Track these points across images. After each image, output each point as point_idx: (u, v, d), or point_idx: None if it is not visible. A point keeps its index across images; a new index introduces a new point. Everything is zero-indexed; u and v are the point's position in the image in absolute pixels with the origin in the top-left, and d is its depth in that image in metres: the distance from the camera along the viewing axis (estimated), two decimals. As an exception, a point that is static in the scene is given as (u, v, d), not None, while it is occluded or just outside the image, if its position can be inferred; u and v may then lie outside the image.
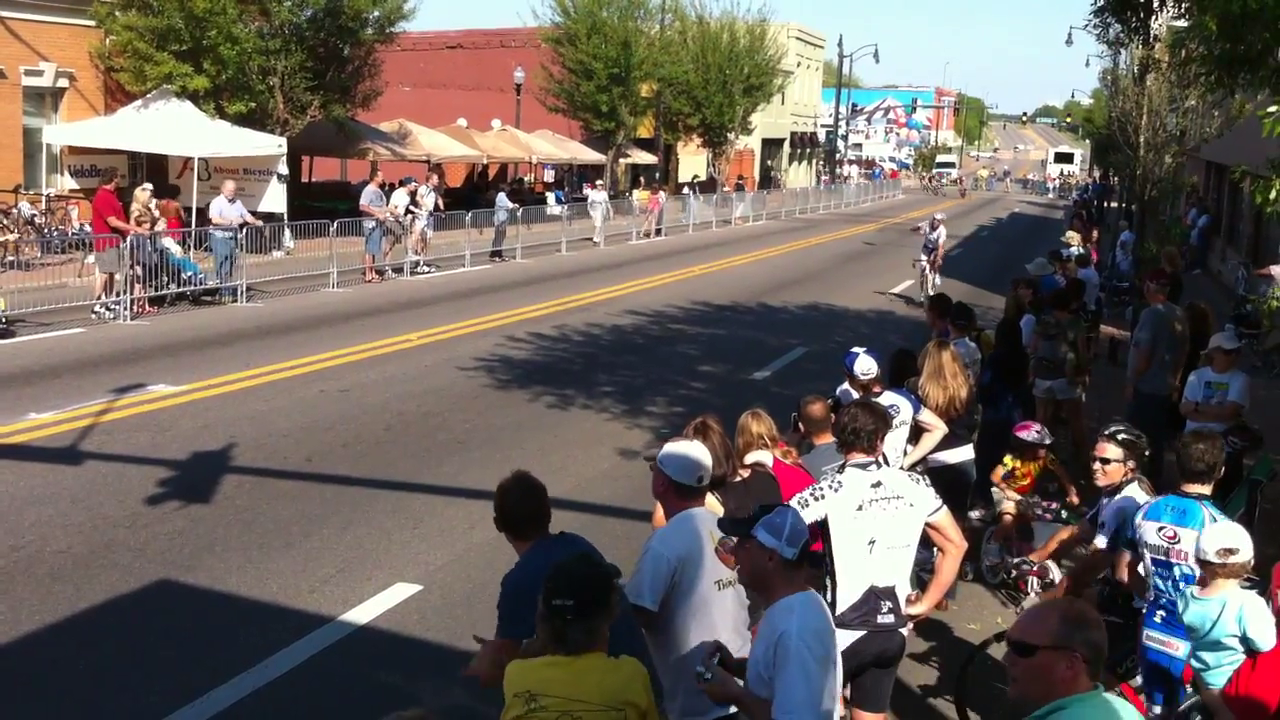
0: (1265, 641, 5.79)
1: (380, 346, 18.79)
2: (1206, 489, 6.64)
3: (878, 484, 6.24)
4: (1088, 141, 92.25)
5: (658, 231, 42.67)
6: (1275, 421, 14.48)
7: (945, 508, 6.60)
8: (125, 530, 10.32)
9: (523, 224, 34.43)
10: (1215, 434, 6.99)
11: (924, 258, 28.93)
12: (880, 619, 6.18)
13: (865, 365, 8.97)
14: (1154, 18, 24.95)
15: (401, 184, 29.50)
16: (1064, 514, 9.89)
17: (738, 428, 7.48)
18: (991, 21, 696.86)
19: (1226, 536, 6.04)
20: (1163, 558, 6.51)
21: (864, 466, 6.30)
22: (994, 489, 10.61)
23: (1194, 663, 6.33)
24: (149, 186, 22.60)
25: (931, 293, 25.29)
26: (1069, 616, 4.01)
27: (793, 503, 6.18)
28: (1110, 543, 6.92)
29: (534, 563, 5.05)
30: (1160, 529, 6.52)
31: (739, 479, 6.79)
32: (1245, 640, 5.87)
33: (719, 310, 24.97)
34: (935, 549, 6.65)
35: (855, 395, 9.05)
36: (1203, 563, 6.04)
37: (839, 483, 6.20)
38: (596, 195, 39.70)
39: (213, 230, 23.09)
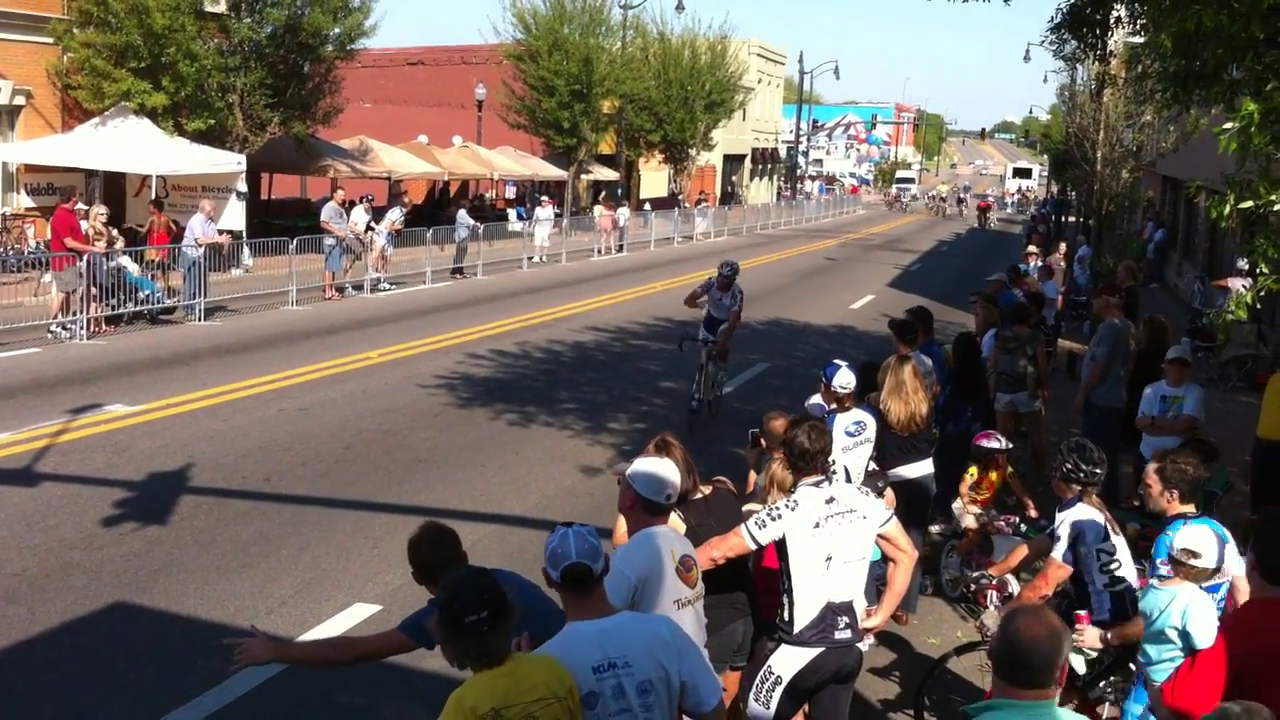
0: (1201, 640, 5.88)
1: (340, 365, 18.70)
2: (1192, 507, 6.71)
3: (831, 499, 6.24)
4: (1046, 157, 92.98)
5: (620, 248, 42.69)
6: (1231, 434, 14.63)
7: (895, 518, 6.63)
8: (81, 552, 10.21)
9: (484, 241, 34.37)
10: (1190, 453, 7.03)
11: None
12: (838, 635, 6.18)
13: (845, 379, 8.95)
14: (1110, 34, 25.21)
15: (362, 199, 29.36)
16: (1023, 527, 9.95)
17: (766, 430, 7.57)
18: (950, 38, 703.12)
19: (1193, 539, 6.14)
20: (1214, 582, 6.49)
21: (816, 484, 6.30)
22: (954, 503, 10.66)
23: (1140, 657, 6.40)
24: (104, 208, 22.45)
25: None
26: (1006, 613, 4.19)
27: (750, 522, 6.18)
28: (1066, 556, 6.95)
29: None
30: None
31: (700, 496, 6.78)
32: (1185, 636, 5.96)
33: (681, 326, 24.86)
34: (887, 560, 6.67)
35: (827, 408, 9.08)
36: (1171, 559, 6.14)
37: (795, 501, 6.19)
38: (543, 213, 39.31)
39: (185, 248, 22.93)
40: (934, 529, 11.17)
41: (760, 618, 6.73)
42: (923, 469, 10.05)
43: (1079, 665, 7.13)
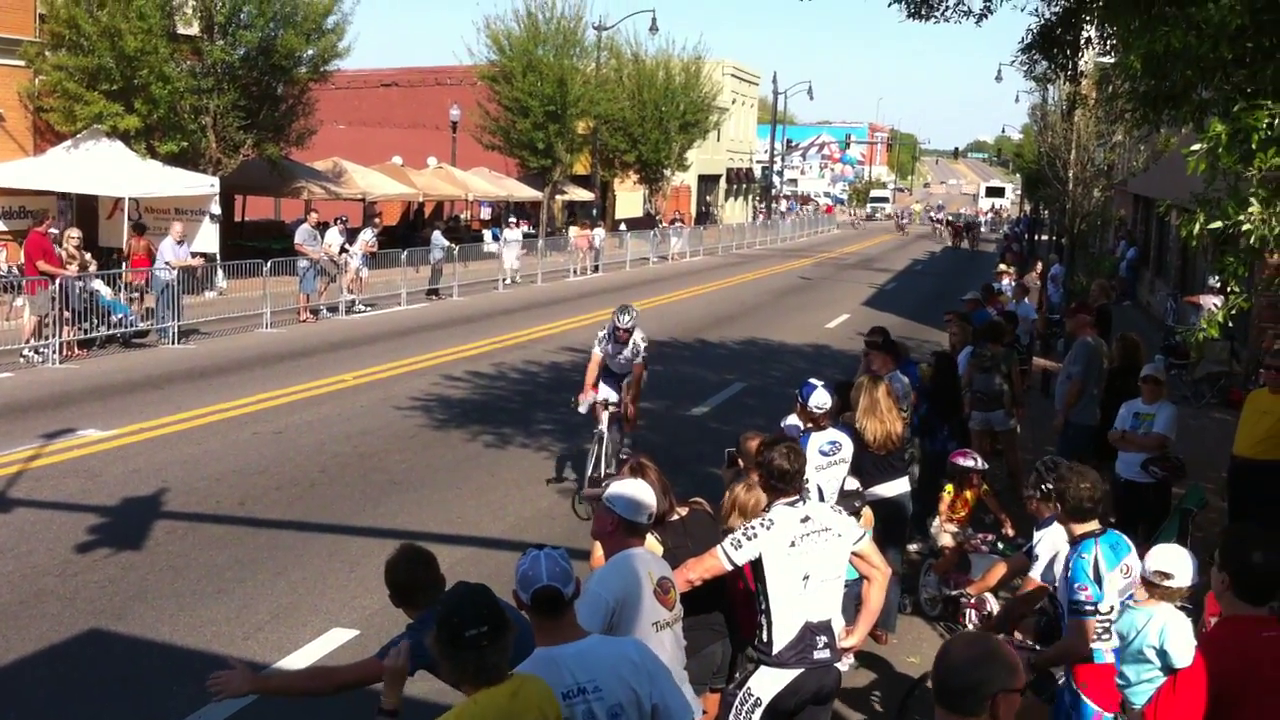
0: (1180, 659, 5.90)
1: (315, 387, 18.63)
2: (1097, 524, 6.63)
3: (806, 518, 6.23)
4: (1019, 176, 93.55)
5: (595, 268, 42.72)
6: (1206, 451, 14.71)
7: (869, 535, 6.65)
8: (55, 579, 10.12)
9: (459, 262, 34.34)
10: (1094, 471, 6.98)
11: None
12: (817, 654, 6.17)
13: (821, 399, 8.94)
14: (1080, 55, 25.42)
15: (336, 221, 29.28)
16: (1000, 545, 9.97)
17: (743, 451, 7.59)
18: (923, 59, 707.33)
19: (1166, 560, 6.15)
20: (1130, 593, 6.50)
21: (791, 504, 6.29)
22: (931, 522, 10.69)
23: (1118, 680, 6.42)
24: (77, 232, 22.36)
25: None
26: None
27: (726, 543, 6.17)
28: (1045, 575, 6.97)
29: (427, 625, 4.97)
30: (1122, 570, 6.48)
31: (676, 517, 6.78)
32: (1163, 655, 5.98)
33: (657, 346, 24.94)
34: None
35: (802, 427, 9.08)
36: (1144, 580, 6.15)
37: (770, 521, 6.18)
38: (511, 234, 38.84)
39: (158, 271, 22.82)
40: (912, 547, 11.19)
41: (739, 638, 6.72)
42: (899, 487, 10.06)
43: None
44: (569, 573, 4.68)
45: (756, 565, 6.13)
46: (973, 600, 8.56)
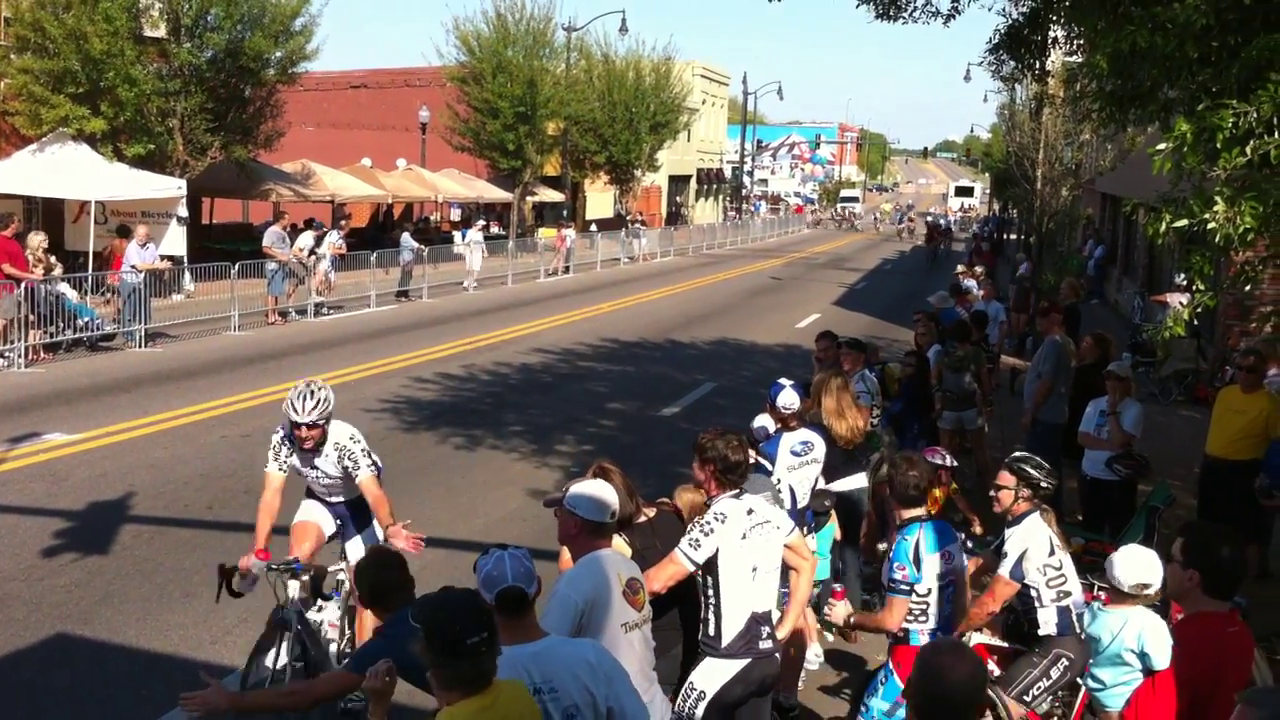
0: (1160, 660, 5.94)
1: (283, 390, 18.32)
2: (924, 511, 6.92)
3: (751, 511, 6.31)
4: (988, 175, 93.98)
5: (566, 269, 42.68)
6: (1171, 448, 14.81)
7: (798, 528, 6.83)
8: (20, 583, 10.04)
9: (429, 263, 34.24)
10: (924, 460, 7.29)
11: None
12: (761, 645, 6.26)
13: (789, 399, 8.95)
14: (1047, 55, 25.53)
15: (307, 225, 29.12)
16: (969, 544, 9.99)
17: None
18: (892, 59, 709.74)
19: (1144, 570, 6.22)
20: (951, 581, 6.76)
21: (735, 496, 6.33)
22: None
23: (1090, 682, 6.46)
24: (43, 235, 22.18)
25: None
26: (921, 659, 4.06)
27: (684, 545, 6.16)
28: (1014, 573, 7.00)
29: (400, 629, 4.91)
30: (943, 556, 6.73)
31: (644, 519, 6.77)
32: (1143, 657, 6.02)
33: (627, 347, 25.00)
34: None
35: (772, 428, 9.09)
36: (1114, 590, 6.21)
37: (722, 514, 6.22)
38: (473, 235, 38.01)
39: (124, 274, 22.66)
40: (881, 546, 11.21)
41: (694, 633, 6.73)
42: (858, 482, 10.12)
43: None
44: (531, 573, 4.71)
45: (710, 559, 6.15)
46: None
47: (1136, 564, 6.32)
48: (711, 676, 6.18)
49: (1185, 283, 22.24)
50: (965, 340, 14.25)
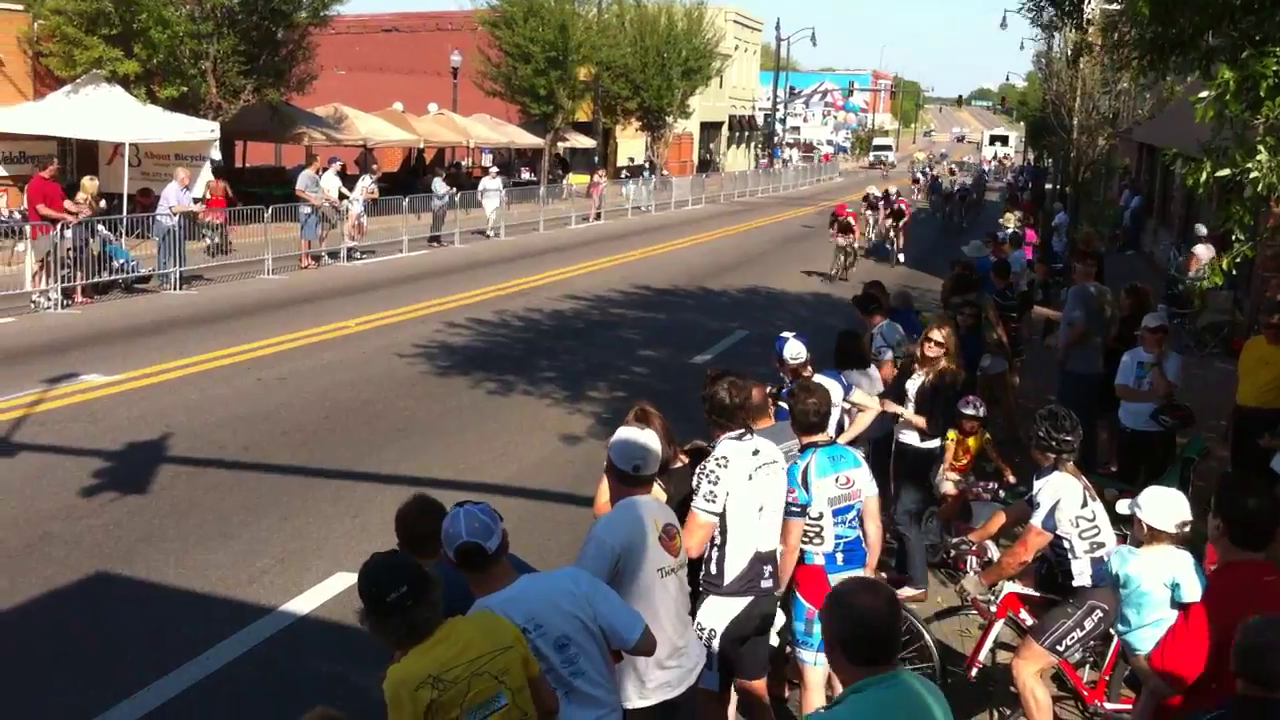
0: (1190, 592, 5.99)
1: (318, 333, 18.64)
2: (825, 436, 7.07)
3: (756, 451, 6.36)
4: (1022, 124, 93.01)
5: (597, 216, 42.61)
6: (1207, 400, 14.72)
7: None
8: (60, 522, 10.18)
9: (460, 209, 34.23)
10: (822, 387, 7.37)
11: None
12: (763, 583, 6.35)
13: (794, 350, 8.98)
14: (1087, 1, 25.20)
15: (330, 162, 29.05)
16: (1002, 493, 10.01)
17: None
18: (927, 5, 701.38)
19: (1172, 509, 6.26)
20: (845, 504, 6.88)
21: (738, 438, 6.36)
22: (935, 470, 10.70)
23: (1119, 625, 6.49)
24: (96, 179, 22.39)
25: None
26: (834, 595, 4.15)
27: (700, 501, 6.18)
28: (1046, 523, 7.00)
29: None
30: (837, 480, 6.86)
31: (680, 464, 6.80)
32: (1174, 589, 6.07)
33: (659, 294, 24.98)
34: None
35: (788, 381, 9.09)
36: (1151, 530, 6.24)
37: (724, 458, 6.25)
38: (490, 184, 36.80)
39: (160, 216, 22.79)
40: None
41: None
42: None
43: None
44: (489, 527, 4.76)
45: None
46: (974, 548, 8.60)
47: (1164, 503, 6.34)
48: (718, 614, 6.26)
49: (1206, 233, 22.09)
50: (967, 289, 14.15)
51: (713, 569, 6.26)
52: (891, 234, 34.07)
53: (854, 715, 3.90)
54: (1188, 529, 6.32)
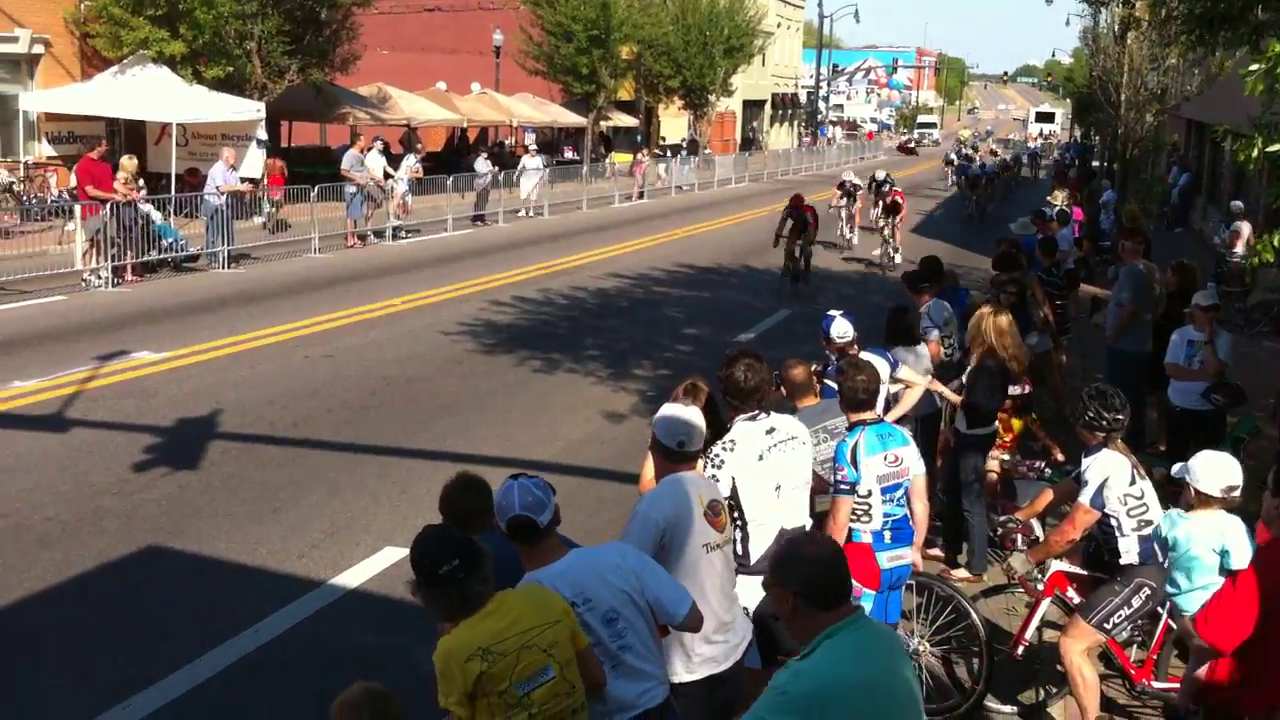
0: (1239, 559, 5.98)
1: (364, 312, 18.76)
2: (874, 414, 7.07)
3: (771, 430, 6.36)
4: (1069, 101, 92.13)
5: (640, 194, 42.59)
6: (1257, 379, 14.58)
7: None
8: (113, 497, 10.32)
9: (504, 188, 34.29)
10: (871, 365, 7.34)
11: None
12: None
13: (841, 329, 8.93)
14: (1135, -24, 24.92)
15: (375, 141, 29.22)
16: (1048, 472, 9.96)
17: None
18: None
19: (1225, 473, 6.25)
20: (893, 482, 6.88)
21: (752, 418, 6.37)
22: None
23: (1168, 588, 6.49)
24: (133, 159, 22.52)
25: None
26: (777, 555, 4.24)
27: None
28: (1095, 501, 6.97)
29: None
30: (885, 458, 6.85)
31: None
32: (1224, 555, 6.07)
33: (703, 273, 24.97)
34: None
35: (833, 359, 9.07)
36: (1200, 494, 6.24)
37: (731, 441, 6.27)
38: (529, 162, 36.42)
39: (208, 196, 22.98)
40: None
41: None
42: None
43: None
44: (543, 501, 4.78)
45: (730, 487, 6.23)
46: (1021, 525, 8.57)
47: (1214, 467, 6.33)
48: (749, 593, 6.25)
49: (1243, 209, 21.79)
50: (1012, 267, 14.03)
51: (738, 549, 6.27)
52: (886, 230, 27.79)
53: (831, 660, 3.97)
54: (1235, 494, 6.30)
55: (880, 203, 29.29)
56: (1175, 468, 6.82)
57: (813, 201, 24.37)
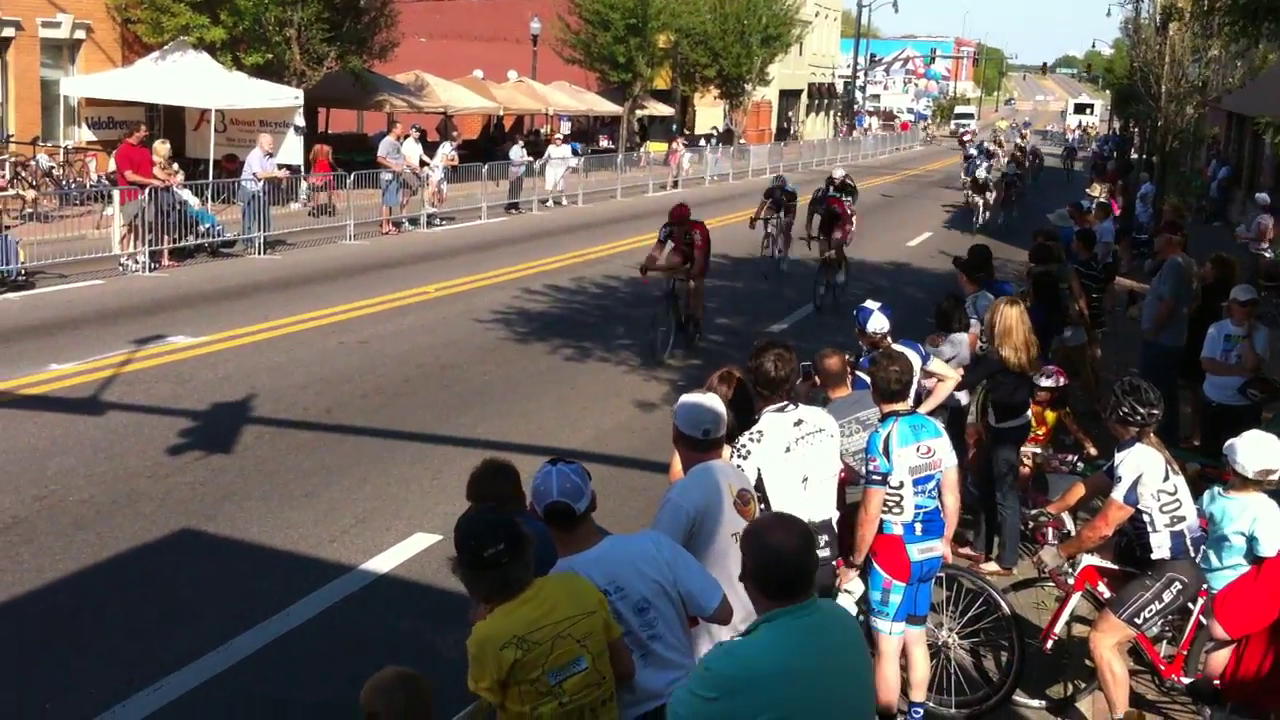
0: (1268, 547, 5.95)
1: (398, 299, 18.84)
2: (906, 405, 7.04)
3: (799, 422, 6.35)
4: (1107, 92, 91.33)
5: (675, 183, 42.54)
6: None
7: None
8: (147, 480, 10.42)
9: (539, 176, 34.31)
10: (904, 356, 7.33)
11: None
12: (819, 553, 6.27)
13: (878, 323, 8.88)
14: (1177, -34, 24.69)
15: (411, 129, 29.32)
16: (1080, 465, 9.91)
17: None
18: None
19: (1268, 456, 6.23)
20: (925, 474, 6.84)
21: (780, 409, 6.37)
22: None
23: (1202, 562, 6.49)
24: (166, 144, 22.65)
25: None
26: (749, 527, 4.31)
27: None
28: (1128, 497, 6.93)
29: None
30: (918, 450, 6.81)
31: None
32: (1251, 540, 6.04)
33: (736, 263, 24.92)
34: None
35: (867, 352, 9.03)
36: (1237, 475, 6.24)
37: (759, 432, 6.27)
38: (556, 152, 35.44)
39: (245, 182, 23.12)
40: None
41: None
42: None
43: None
44: (580, 488, 4.80)
45: (756, 479, 6.22)
46: (1052, 519, 8.53)
47: (1257, 449, 6.30)
48: None
49: (1269, 202, 21.54)
50: (1049, 260, 13.94)
51: None
52: (827, 250, 21.06)
53: (760, 645, 3.98)
54: (1273, 478, 6.27)
55: (816, 214, 22.77)
56: (1227, 444, 6.82)
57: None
